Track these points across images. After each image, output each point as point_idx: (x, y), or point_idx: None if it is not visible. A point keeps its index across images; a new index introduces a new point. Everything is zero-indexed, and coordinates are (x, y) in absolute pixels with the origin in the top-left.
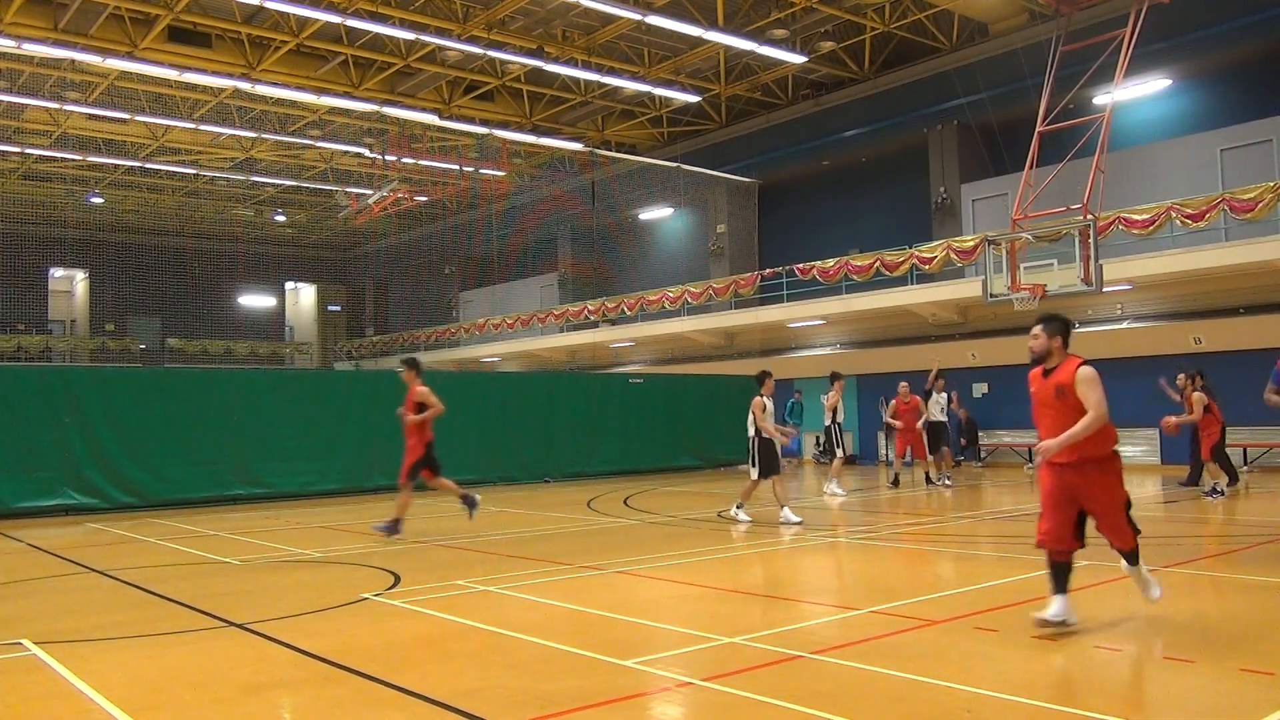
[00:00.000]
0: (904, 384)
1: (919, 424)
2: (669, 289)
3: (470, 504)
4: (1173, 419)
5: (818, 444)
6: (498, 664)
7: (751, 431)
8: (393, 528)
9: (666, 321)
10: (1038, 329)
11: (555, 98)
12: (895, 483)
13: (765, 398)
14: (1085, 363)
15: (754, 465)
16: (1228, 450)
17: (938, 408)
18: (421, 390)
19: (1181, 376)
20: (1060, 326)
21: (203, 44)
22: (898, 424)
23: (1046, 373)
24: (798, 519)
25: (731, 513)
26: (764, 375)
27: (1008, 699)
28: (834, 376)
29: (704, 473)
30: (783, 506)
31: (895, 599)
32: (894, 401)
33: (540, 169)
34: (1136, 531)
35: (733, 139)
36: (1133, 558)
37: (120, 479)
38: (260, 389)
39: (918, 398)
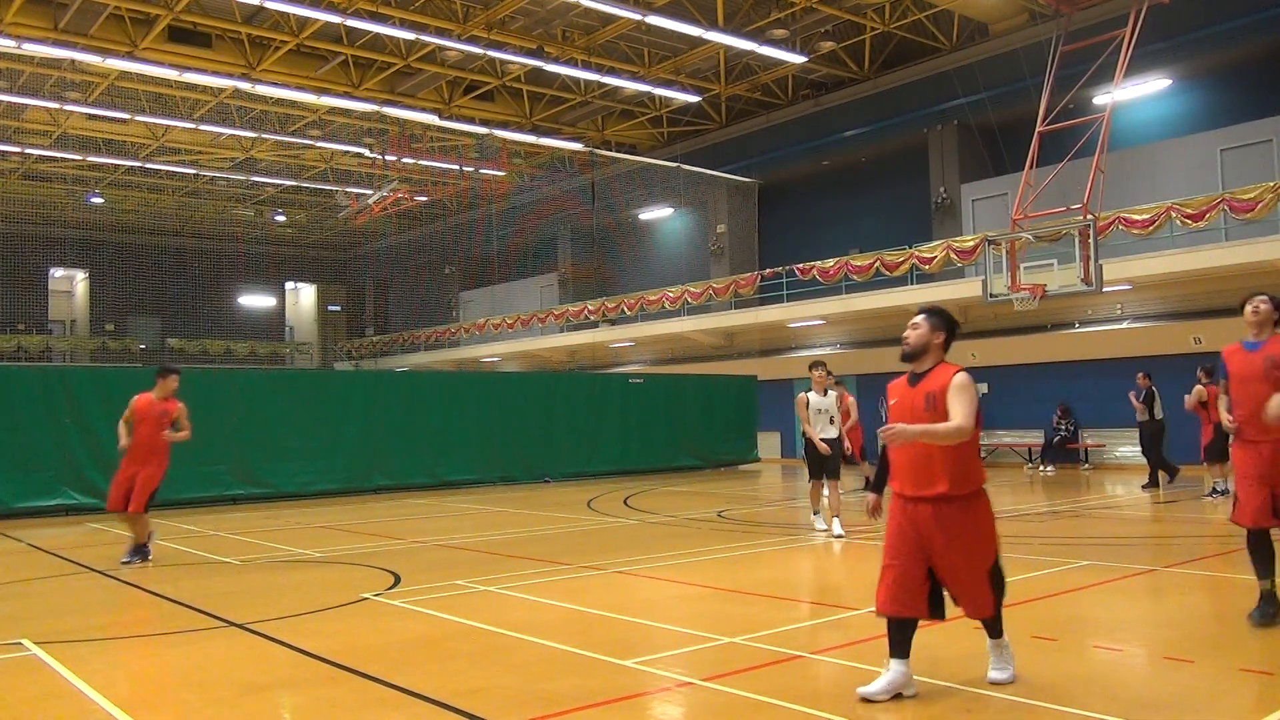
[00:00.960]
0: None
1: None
2: (669, 289)
3: (143, 556)
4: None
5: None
6: (498, 664)
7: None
8: (141, 552)
9: (666, 321)
10: (919, 318)
11: (555, 98)
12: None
13: (813, 392)
14: (962, 370)
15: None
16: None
17: (825, 417)
18: (182, 407)
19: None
20: (944, 323)
21: (203, 44)
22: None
23: (914, 379)
24: (839, 531)
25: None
26: (813, 364)
27: (1008, 699)
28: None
29: (704, 473)
30: (833, 515)
31: None
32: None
33: (540, 169)
34: (1000, 595)
35: (733, 139)
36: (995, 628)
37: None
38: (260, 389)
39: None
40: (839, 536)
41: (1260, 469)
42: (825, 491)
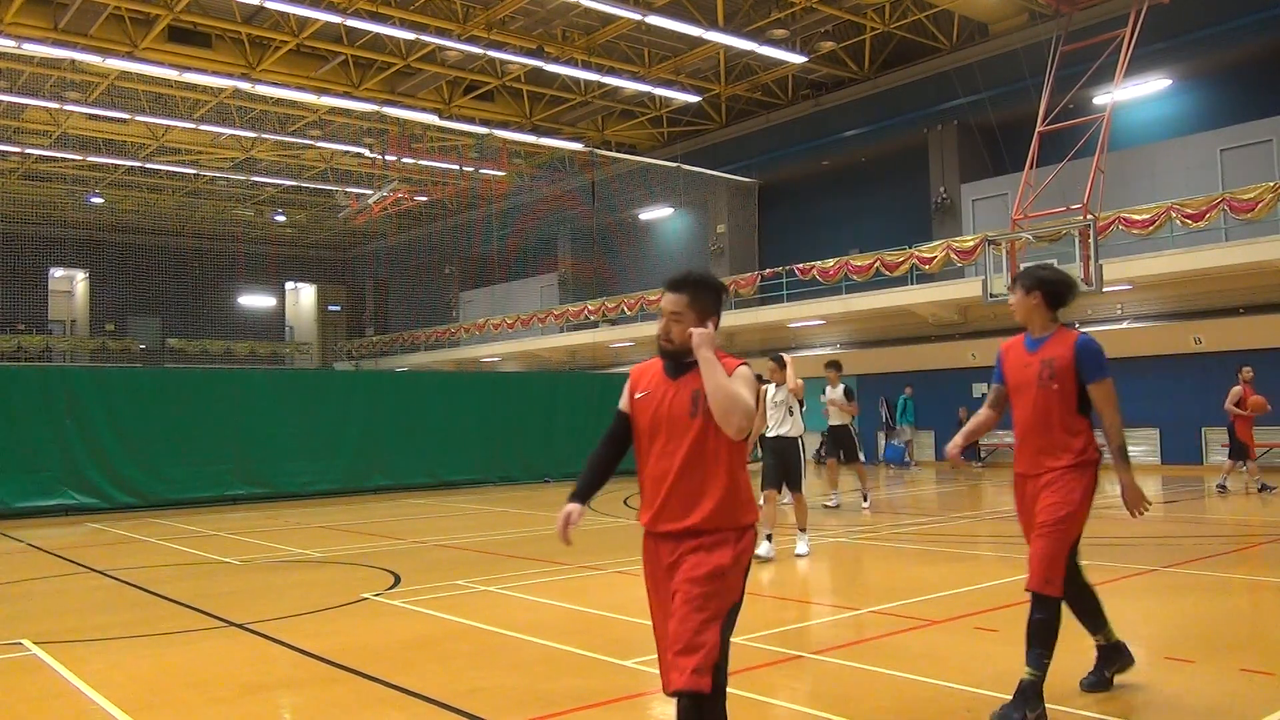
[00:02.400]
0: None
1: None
2: None
3: None
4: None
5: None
6: (498, 664)
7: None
8: None
9: None
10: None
11: (555, 98)
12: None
13: (770, 384)
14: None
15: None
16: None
17: (834, 406)
18: None
19: (1248, 371)
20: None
21: (203, 44)
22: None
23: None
24: (803, 550)
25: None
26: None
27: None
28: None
29: None
30: (800, 529)
31: (895, 599)
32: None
33: (540, 169)
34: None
35: (733, 139)
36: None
37: (120, 479)
38: (260, 389)
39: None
40: (801, 555)
41: (1020, 518)
42: (786, 501)
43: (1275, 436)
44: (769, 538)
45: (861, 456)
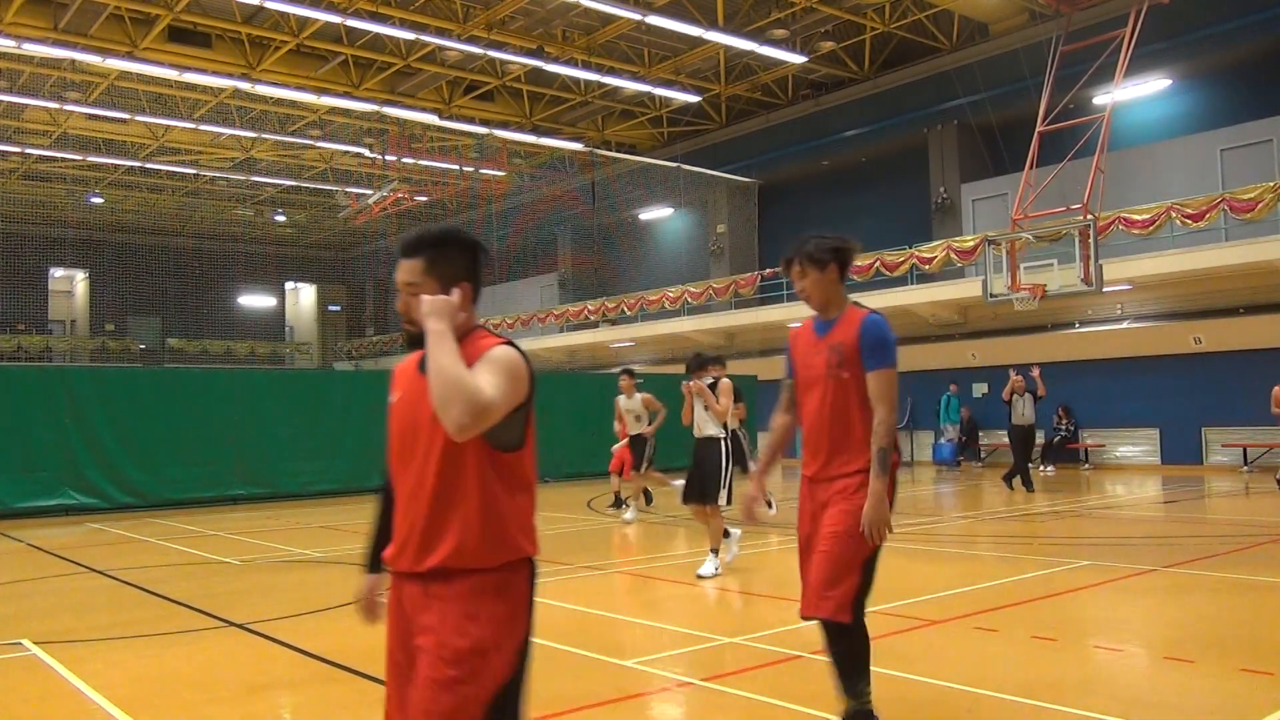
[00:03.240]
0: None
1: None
2: (669, 289)
3: None
4: None
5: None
6: None
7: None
8: None
9: (666, 321)
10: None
11: (555, 98)
12: (617, 504)
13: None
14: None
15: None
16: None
17: (630, 415)
18: None
19: None
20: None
21: (203, 44)
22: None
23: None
24: (706, 571)
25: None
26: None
27: (1008, 699)
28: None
29: None
30: (711, 548)
31: (895, 599)
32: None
33: (540, 169)
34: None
35: (733, 139)
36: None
37: (120, 479)
38: (260, 389)
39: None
40: (704, 577)
41: (802, 528)
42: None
43: (1275, 436)
44: (714, 552)
45: (643, 469)
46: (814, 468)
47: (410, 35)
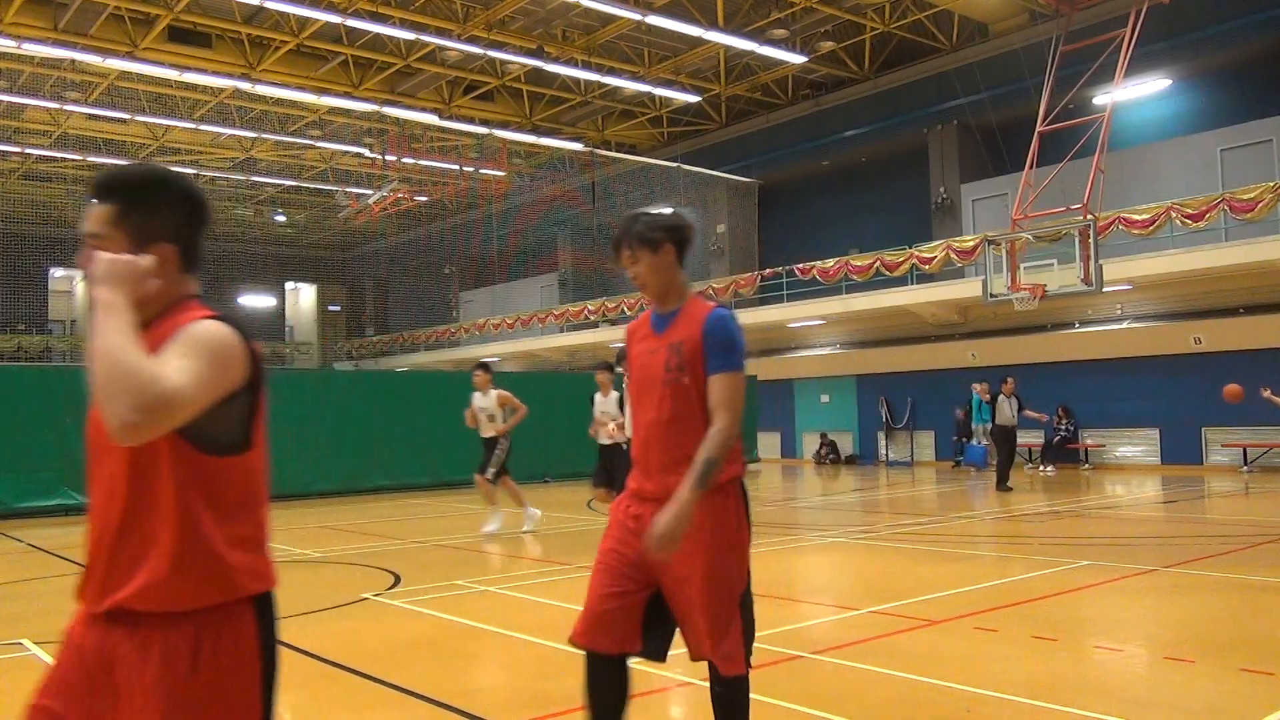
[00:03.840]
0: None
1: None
2: None
3: None
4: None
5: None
6: (497, 664)
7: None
8: None
9: None
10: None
11: (555, 98)
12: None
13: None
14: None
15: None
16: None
17: (483, 414)
18: None
19: None
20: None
21: (203, 44)
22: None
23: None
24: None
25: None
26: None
27: (1008, 699)
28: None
29: None
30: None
31: (895, 599)
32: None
33: (540, 169)
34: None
35: (733, 139)
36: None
37: None
38: None
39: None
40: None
41: (627, 547)
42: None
43: (1276, 436)
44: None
45: (491, 472)
46: (651, 484)
47: (410, 35)
